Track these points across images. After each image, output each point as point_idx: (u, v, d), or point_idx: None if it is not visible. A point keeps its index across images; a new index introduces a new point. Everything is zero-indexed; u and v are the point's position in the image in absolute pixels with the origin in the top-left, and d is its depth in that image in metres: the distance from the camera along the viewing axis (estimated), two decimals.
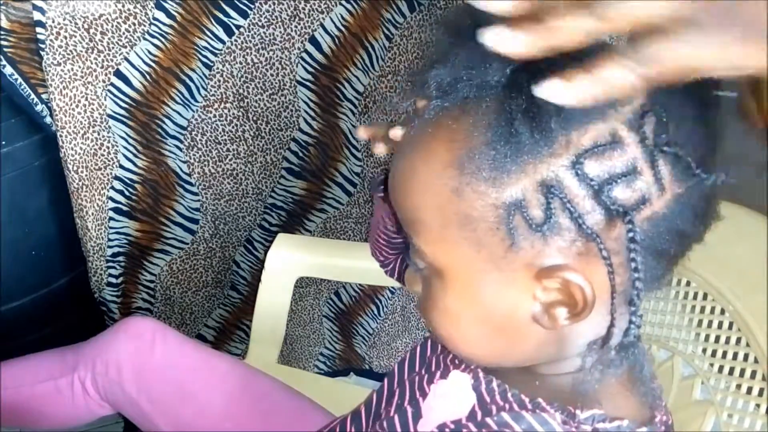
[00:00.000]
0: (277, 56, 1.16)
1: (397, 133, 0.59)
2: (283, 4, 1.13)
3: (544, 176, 0.42)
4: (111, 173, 1.19)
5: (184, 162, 1.22)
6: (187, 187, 1.25)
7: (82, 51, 1.06)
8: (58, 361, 1.01)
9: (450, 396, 0.54)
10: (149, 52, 1.10)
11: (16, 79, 1.06)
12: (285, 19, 1.14)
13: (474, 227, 0.44)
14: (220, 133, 1.21)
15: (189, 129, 1.19)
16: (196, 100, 1.17)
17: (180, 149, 1.21)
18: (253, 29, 1.13)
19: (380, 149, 0.64)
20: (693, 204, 0.44)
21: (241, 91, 1.18)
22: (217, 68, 1.15)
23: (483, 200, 0.43)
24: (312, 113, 1.24)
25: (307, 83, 1.21)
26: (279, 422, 0.89)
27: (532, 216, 0.43)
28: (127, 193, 1.23)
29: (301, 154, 1.28)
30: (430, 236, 0.48)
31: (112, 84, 1.11)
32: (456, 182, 0.44)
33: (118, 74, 1.11)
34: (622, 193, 0.42)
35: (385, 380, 0.66)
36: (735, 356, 0.82)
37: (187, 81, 1.14)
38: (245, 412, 0.89)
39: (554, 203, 0.42)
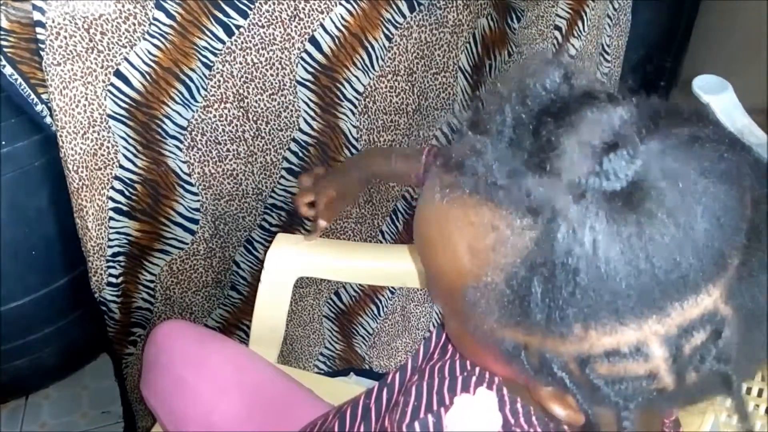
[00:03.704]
0: (277, 56, 1.16)
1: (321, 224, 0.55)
2: (283, 4, 1.13)
3: (548, 348, 0.38)
4: (111, 173, 1.19)
5: (184, 162, 1.22)
6: (187, 187, 1.25)
7: (82, 51, 1.06)
8: None
9: (475, 415, 0.52)
10: (149, 52, 1.10)
11: (16, 79, 1.06)
12: (285, 19, 1.14)
13: (474, 331, 0.42)
14: (220, 133, 1.21)
15: (189, 129, 1.19)
16: (196, 101, 1.17)
17: (180, 149, 1.21)
18: (253, 29, 1.13)
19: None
20: (716, 390, 0.40)
21: (241, 91, 1.18)
22: (217, 68, 1.15)
23: (485, 326, 0.40)
24: (312, 113, 1.24)
25: (307, 83, 1.21)
26: (271, 414, 0.89)
27: (530, 362, 0.40)
28: (127, 193, 1.23)
29: (301, 154, 1.28)
30: (438, 294, 0.46)
31: (112, 84, 1.11)
32: (467, 295, 0.40)
33: (118, 74, 1.11)
34: (629, 389, 0.38)
35: (397, 373, 0.66)
36: None
37: (187, 81, 1.14)
38: (235, 404, 0.89)
39: (552, 373, 0.39)
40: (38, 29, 1.01)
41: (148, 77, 1.12)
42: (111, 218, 1.23)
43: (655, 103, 0.39)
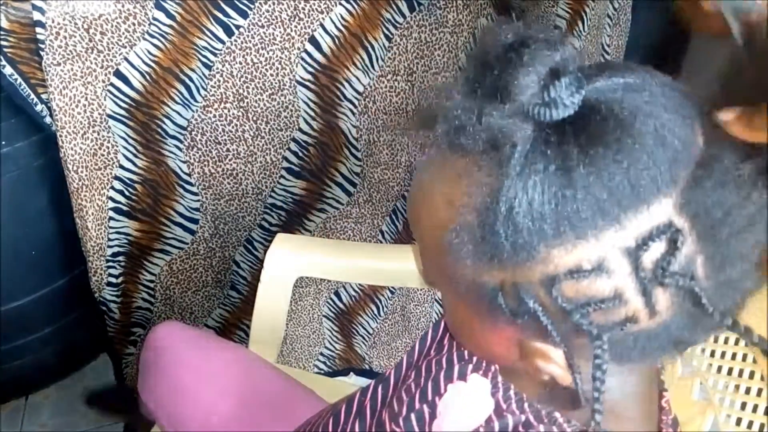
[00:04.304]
0: (276, 56, 1.16)
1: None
2: (283, 4, 1.13)
3: (519, 280, 0.41)
4: (111, 173, 1.19)
5: (184, 162, 1.22)
6: (187, 187, 1.25)
7: (81, 51, 1.06)
8: None
9: (468, 400, 0.54)
10: (149, 52, 1.10)
11: (16, 79, 1.06)
12: (285, 19, 1.14)
13: (460, 288, 0.45)
14: (220, 133, 1.21)
15: (189, 129, 1.19)
16: (196, 100, 1.17)
17: (180, 149, 1.21)
18: (252, 29, 1.13)
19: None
20: (695, 323, 0.42)
21: (241, 91, 1.18)
22: (217, 68, 1.15)
23: (466, 273, 0.43)
24: (312, 113, 1.24)
25: (307, 83, 1.21)
26: (271, 414, 0.89)
27: (508, 305, 0.42)
28: (127, 193, 1.23)
29: (301, 154, 1.28)
30: (429, 266, 0.49)
31: (111, 84, 1.11)
32: (447, 242, 0.43)
33: (118, 74, 1.11)
34: (601, 316, 0.40)
35: (393, 369, 0.66)
36: (734, 356, 0.82)
37: (187, 81, 1.14)
38: (234, 405, 0.89)
39: (525, 306, 0.41)
40: (38, 29, 1.01)
41: (148, 77, 1.12)
42: (111, 218, 1.24)
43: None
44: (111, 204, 1.22)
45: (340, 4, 1.15)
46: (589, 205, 0.38)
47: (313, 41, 1.17)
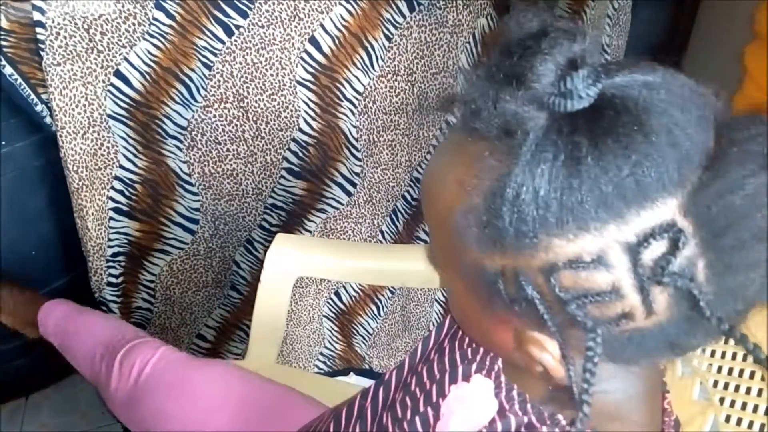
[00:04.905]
0: (276, 56, 1.16)
1: None
2: (282, 4, 1.13)
3: (520, 266, 0.41)
4: (111, 173, 1.19)
5: (184, 162, 1.22)
6: (187, 187, 1.25)
7: (81, 51, 1.06)
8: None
9: (471, 401, 0.54)
10: (149, 52, 1.10)
11: (16, 79, 1.06)
12: (285, 19, 1.14)
13: (465, 272, 0.45)
14: (220, 133, 1.21)
15: (189, 129, 1.19)
16: (196, 100, 1.17)
17: (180, 149, 1.21)
18: (252, 29, 1.13)
19: None
20: (693, 327, 0.42)
21: (241, 91, 1.18)
22: (217, 68, 1.15)
23: (470, 257, 0.43)
24: (312, 113, 1.24)
25: (307, 83, 1.21)
26: (265, 422, 0.88)
27: (507, 291, 0.42)
28: (127, 193, 1.23)
29: (301, 154, 1.28)
30: (438, 250, 0.50)
31: (111, 84, 1.11)
32: (455, 224, 0.43)
33: (118, 74, 1.11)
34: (597, 310, 0.40)
35: (394, 371, 0.66)
36: (734, 356, 0.82)
37: (187, 81, 1.14)
38: (224, 420, 0.88)
39: (524, 293, 0.41)
40: (38, 29, 1.01)
41: (148, 77, 1.12)
42: (111, 218, 1.24)
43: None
44: (111, 204, 1.22)
45: (340, 4, 1.15)
46: (594, 197, 0.38)
47: (313, 41, 1.17)
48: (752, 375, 0.78)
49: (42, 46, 1.02)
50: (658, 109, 0.39)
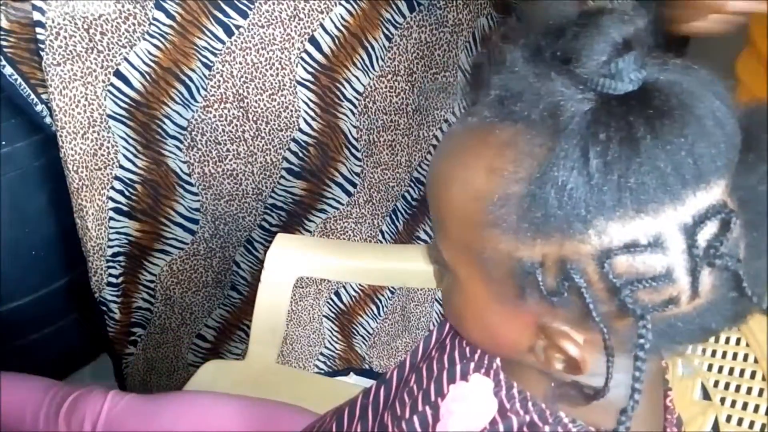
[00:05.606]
0: (276, 56, 1.16)
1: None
2: (282, 4, 1.13)
3: (567, 254, 0.39)
4: (111, 173, 1.19)
5: (184, 162, 1.22)
6: (187, 187, 1.25)
7: (81, 51, 1.06)
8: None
9: (471, 401, 0.53)
10: (149, 53, 1.10)
11: (16, 79, 1.06)
12: (285, 19, 1.14)
13: (488, 265, 0.43)
14: (220, 133, 1.21)
15: (189, 129, 1.19)
16: (196, 101, 1.17)
17: (180, 149, 1.21)
18: (252, 29, 1.13)
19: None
20: (728, 309, 0.41)
21: (241, 91, 1.18)
22: (217, 68, 1.15)
23: (503, 248, 0.41)
24: (312, 113, 1.24)
25: (307, 83, 1.21)
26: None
27: (545, 283, 0.40)
28: (127, 193, 1.23)
29: (301, 155, 1.28)
30: (450, 244, 0.47)
31: (111, 84, 1.11)
32: (483, 217, 0.41)
33: (118, 74, 1.11)
34: (646, 295, 0.39)
35: (395, 370, 0.66)
36: (735, 356, 0.82)
37: (187, 81, 1.14)
38: None
39: (570, 282, 0.39)
40: (38, 29, 1.01)
41: (148, 77, 1.12)
42: (111, 218, 1.23)
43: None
44: (111, 204, 1.22)
45: (340, 4, 1.15)
46: (654, 177, 0.37)
47: (313, 41, 1.17)
48: (753, 375, 0.78)
49: (42, 46, 1.02)
50: (699, 95, 0.39)
